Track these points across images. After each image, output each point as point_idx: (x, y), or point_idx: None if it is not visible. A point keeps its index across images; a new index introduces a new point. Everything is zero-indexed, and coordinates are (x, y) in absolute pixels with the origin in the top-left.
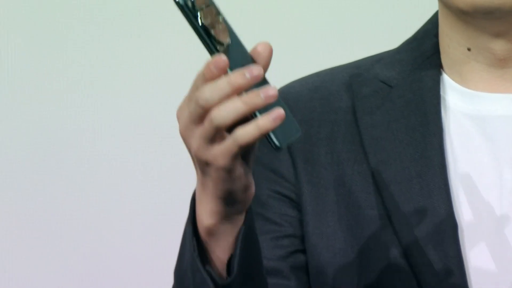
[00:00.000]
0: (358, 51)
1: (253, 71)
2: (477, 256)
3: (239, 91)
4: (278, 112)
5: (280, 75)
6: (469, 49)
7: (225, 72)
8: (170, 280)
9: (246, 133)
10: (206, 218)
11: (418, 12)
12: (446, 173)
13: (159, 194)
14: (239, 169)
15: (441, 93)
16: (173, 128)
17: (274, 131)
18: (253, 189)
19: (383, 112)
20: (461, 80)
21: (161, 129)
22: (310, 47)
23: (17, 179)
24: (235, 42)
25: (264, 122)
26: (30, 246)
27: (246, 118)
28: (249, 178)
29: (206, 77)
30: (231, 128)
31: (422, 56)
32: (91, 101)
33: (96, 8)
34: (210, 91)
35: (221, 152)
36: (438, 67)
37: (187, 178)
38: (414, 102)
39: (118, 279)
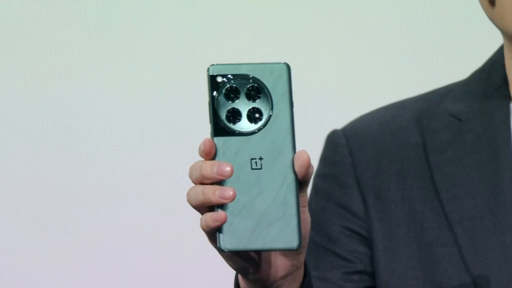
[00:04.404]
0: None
1: (223, 168)
2: None
3: (205, 180)
4: (219, 215)
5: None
6: None
7: (208, 156)
8: (171, 280)
9: (203, 220)
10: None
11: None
12: None
13: (166, 193)
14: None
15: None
16: (180, 126)
17: (221, 231)
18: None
19: (454, 147)
20: None
21: (170, 126)
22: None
23: (18, 178)
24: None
25: (208, 217)
26: (31, 246)
27: None
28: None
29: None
30: None
31: (490, 88)
32: (95, 99)
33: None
34: (192, 169)
35: (201, 219)
36: (507, 99)
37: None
38: (484, 136)
39: (122, 280)
